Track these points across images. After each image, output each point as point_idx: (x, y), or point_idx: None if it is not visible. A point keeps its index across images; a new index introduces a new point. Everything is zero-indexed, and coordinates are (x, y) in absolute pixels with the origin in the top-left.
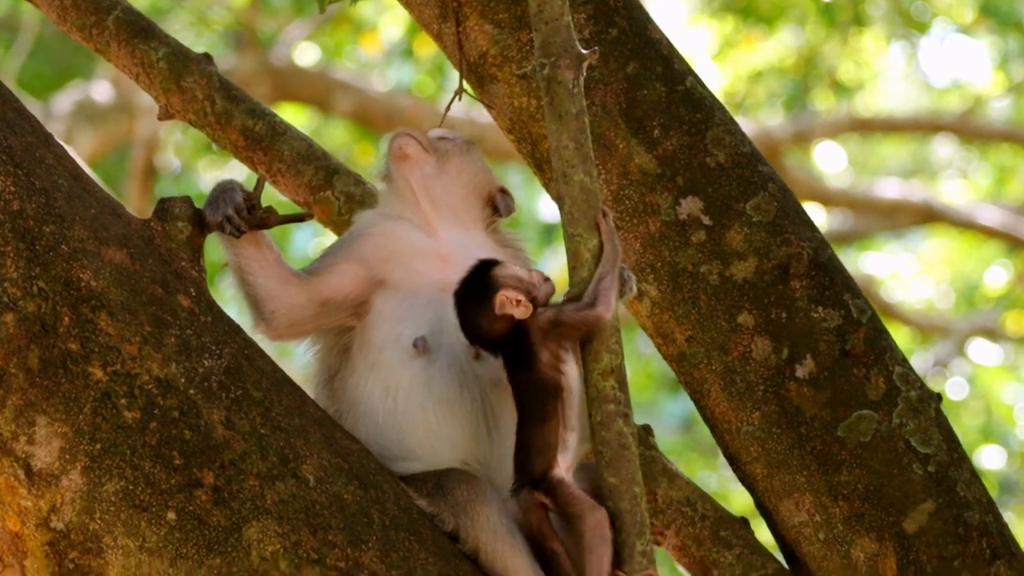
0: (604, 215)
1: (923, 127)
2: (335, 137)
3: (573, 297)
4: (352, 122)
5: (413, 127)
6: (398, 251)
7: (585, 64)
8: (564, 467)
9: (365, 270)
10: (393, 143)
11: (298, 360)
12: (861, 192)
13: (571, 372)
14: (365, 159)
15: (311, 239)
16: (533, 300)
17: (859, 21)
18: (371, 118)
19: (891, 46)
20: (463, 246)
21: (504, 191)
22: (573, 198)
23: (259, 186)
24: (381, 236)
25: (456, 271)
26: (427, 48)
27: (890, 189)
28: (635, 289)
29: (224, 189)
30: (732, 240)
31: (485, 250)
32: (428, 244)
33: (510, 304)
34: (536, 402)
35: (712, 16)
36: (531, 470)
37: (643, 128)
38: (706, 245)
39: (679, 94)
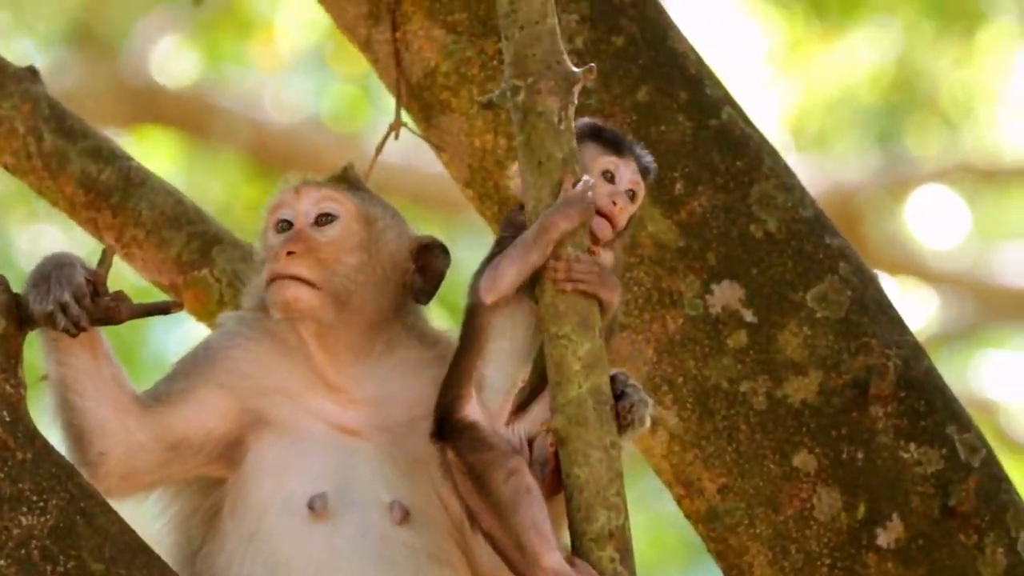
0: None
1: None
2: (216, 179)
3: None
4: (242, 157)
5: (327, 163)
6: (279, 386)
7: (577, 88)
8: (486, 412)
9: (234, 401)
10: (276, 292)
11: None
12: (976, 270)
13: None
14: (255, 217)
15: (175, 331)
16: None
17: (967, 15)
18: (268, 154)
19: (1017, 59)
20: (371, 384)
21: (427, 246)
22: None
23: (106, 261)
24: (253, 364)
25: (364, 413)
26: (350, 62)
27: (1019, 265)
28: (648, 419)
29: (58, 265)
30: (786, 345)
31: (405, 375)
32: (322, 385)
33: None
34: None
35: (763, 10)
36: (438, 405)
37: (659, 181)
38: (749, 352)
39: (711, 131)
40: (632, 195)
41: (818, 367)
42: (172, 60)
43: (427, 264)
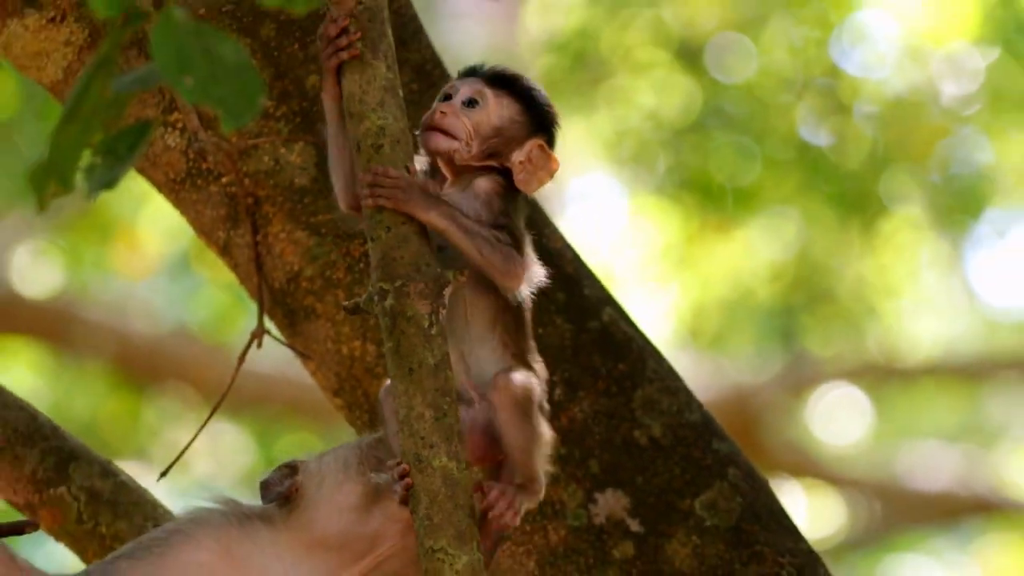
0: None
1: (973, 371)
2: (79, 392)
3: None
4: (106, 368)
5: (195, 375)
6: None
7: (448, 291)
8: None
9: None
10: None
11: None
12: (882, 472)
13: None
14: (121, 429)
15: (37, 551)
16: None
17: (867, 208)
18: (134, 365)
19: (923, 249)
20: None
21: None
22: (433, 494)
23: None
24: None
25: None
26: (218, 267)
27: (927, 467)
28: None
29: None
30: (675, 555)
31: None
32: None
33: None
34: None
35: (654, 203)
36: None
37: None
38: (635, 563)
39: (592, 334)
40: (471, 102)
41: None
42: (30, 268)
43: None
